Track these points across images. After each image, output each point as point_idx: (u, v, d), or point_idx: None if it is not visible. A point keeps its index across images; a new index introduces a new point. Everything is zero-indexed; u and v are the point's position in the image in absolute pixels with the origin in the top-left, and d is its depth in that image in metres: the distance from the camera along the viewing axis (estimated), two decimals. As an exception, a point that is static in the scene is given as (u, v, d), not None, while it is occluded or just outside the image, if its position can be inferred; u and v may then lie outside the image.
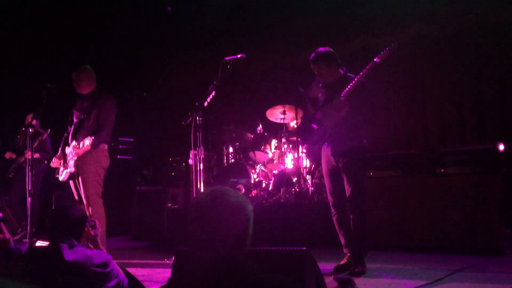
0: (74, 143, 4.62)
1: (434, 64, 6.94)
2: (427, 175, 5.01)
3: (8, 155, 7.03)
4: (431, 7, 6.72)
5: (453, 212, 4.72)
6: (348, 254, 4.07)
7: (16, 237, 6.64)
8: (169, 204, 6.92)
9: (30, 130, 4.73)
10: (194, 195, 1.80)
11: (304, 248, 2.26)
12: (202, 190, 4.47)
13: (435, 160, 4.99)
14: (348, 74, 4.09)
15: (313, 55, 4.09)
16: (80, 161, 4.67)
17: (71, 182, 4.85)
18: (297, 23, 7.86)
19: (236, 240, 1.54)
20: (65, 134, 5.00)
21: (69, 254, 2.32)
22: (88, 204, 4.61)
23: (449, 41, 6.76)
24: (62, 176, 4.83)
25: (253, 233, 1.61)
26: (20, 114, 6.83)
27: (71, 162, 4.70)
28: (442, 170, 4.93)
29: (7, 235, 2.64)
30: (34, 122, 6.71)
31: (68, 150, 4.78)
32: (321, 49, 4.10)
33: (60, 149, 4.95)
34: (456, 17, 6.65)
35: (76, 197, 4.82)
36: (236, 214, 1.55)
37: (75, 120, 4.90)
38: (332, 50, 4.10)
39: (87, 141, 4.44)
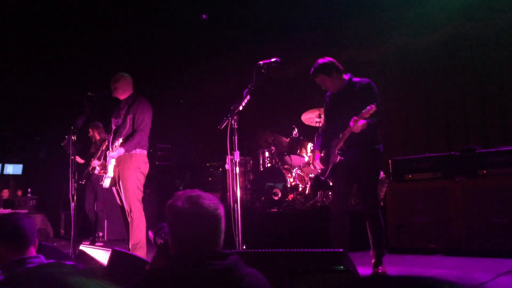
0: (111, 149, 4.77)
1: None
2: (468, 177, 4.89)
3: (78, 159, 6.90)
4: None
5: (496, 214, 4.57)
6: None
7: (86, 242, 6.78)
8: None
9: (73, 138, 4.86)
10: (171, 200, 1.91)
11: (342, 250, 2.26)
12: (238, 194, 4.50)
13: (476, 161, 4.86)
14: (353, 79, 4.10)
15: (312, 68, 4.11)
16: (120, 166, 4.80)
17: (113, 188, 4.98)
18: (327, 27, 7.89)
19: (212, 238, 1.80)
20: (107, 142, 5.15)
21: None
22: (129, 210, 4.72)
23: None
24: (105, 183, 4.97)
25: (290, 235, 1.71)
26: (65, 121, 7.02)
27: (110, 168, 4.83)
28: (484, 172, 4.80)
29: None
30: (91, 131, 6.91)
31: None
32: (319, 60, 4.10)
33: (102, 157, 5.11)
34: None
35: (119, 203, 4.94)
36: (212, 215, 1.81)
37: (113, 127, 5.05)
38: (330, 59, 4.10)
39: (119, 145, 4.57)
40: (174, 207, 1.83)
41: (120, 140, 4.72)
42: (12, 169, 8.70)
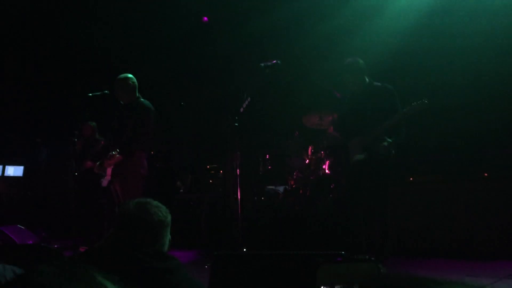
0: (110, 152, 4.73)
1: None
2: (469, 179, 4.87)
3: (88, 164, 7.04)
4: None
5: (498, 217, 4.56)
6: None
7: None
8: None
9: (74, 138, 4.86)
10: (121, 206, 1.99)
11: (343, 252, 2.24)
12: (239, 196, 4.49)
13: (478, 163, 4.85)
14: (375, 83, 4.24)
15: (352, 64, 4.20)
16: (118, 168, 4.76)
17: (112, 189, 4.95)
18: (328, 29, 7.87)
19: (153, 244, 1.87)
20: (102, 142, 5.12)
21: None
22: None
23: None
24: (103, 183, 4.96)
25: (288, 238, 1.69)
26: (66, 123, 7.02)
27: (109, 170, 4.81)
28: (486, 174, 4.79)
29: None
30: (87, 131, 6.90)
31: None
32: (351, 58, 4.22)
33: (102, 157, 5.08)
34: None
35: (116, 202, 4.91)
36: (157, 223, 1.89)
37: (114, 129, 5.00)
38: (360, 59, 4.22)
39: (117, 151, 4.54)
40: (122, 209, 1.92)
41: (121, 145, 4.66)
42: (13, 170, 8.69)
